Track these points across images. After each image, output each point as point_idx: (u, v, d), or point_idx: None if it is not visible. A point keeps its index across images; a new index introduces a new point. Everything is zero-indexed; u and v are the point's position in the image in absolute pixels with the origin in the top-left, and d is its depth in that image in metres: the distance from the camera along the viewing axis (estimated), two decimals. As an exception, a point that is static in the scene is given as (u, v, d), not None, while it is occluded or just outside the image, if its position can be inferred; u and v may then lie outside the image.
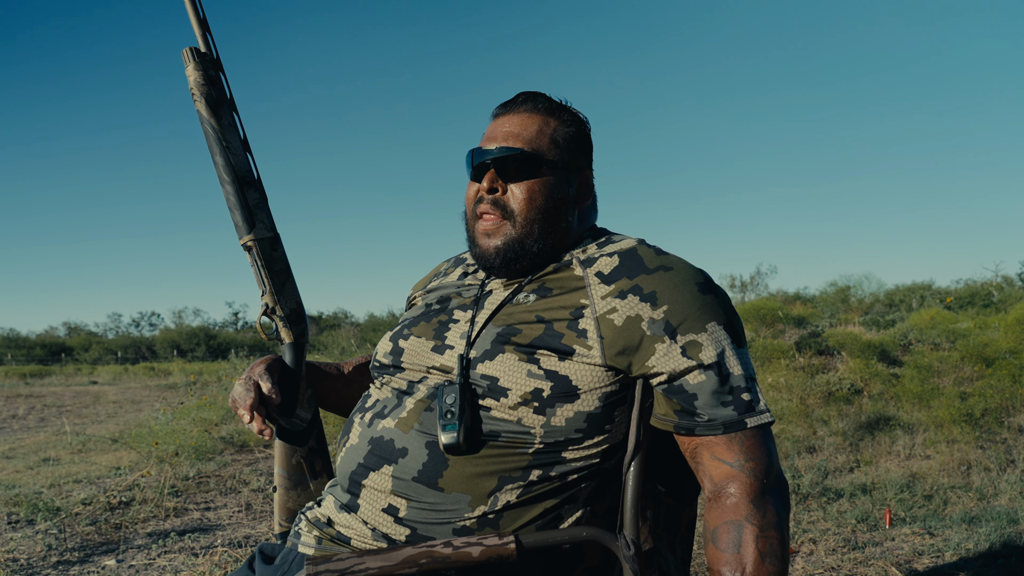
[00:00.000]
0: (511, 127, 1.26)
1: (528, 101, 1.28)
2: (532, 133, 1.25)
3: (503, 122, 1.28)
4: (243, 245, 1.37)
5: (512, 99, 1.30)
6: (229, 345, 29.24)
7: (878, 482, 4.17)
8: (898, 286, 20.57)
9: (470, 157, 1.27)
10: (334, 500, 1.22)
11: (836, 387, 6.31)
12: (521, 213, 1.22)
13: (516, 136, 1.24)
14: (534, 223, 1.22)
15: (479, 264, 1.27)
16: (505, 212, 1.23)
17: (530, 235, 1.22)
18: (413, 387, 1.21)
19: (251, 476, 5.05)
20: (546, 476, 1.12)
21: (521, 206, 1.23)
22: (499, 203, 1.23)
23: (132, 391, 14.81)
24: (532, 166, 1.23)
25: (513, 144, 1.24)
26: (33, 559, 3.35)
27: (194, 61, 1.31)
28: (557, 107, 1.29)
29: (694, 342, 1.10)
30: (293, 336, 1.40)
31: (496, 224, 1.23)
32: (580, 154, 1.30)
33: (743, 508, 1.07)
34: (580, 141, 1.30)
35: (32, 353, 33.27)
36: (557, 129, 1.27)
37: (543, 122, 1.26)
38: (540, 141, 1.25)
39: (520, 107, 1.28)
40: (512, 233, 1.22)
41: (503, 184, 1.24)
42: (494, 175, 1.23)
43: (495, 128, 1.28)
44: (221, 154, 1.32)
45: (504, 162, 1.23)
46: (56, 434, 7.95)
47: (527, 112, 1.27)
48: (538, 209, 1.23)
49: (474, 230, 1.27)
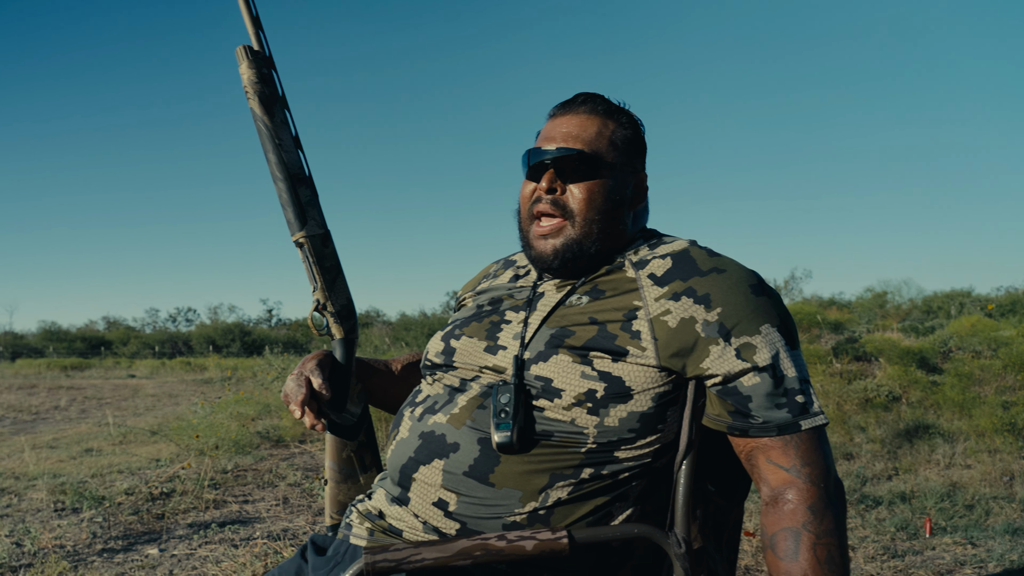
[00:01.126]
0: (570, 128, 1.27)
1: (587, 102, 1.29)
2: (591, 134, 1.26)
3: (562, 122, 1.28)
4: (295, 242, 1.36)
5: (570, 99, 1.31)
6: (263, 341, 29.61)
7: (917, 490, 4.11)
8: (937, 292, 20.18)
9: (527, 157, 1.28)
10: (385, 493, 1.24)
11: (874, 394, 6.22)
12: (580, 213, 1.23)
13: (575, 137, 1.25)
14: (593, 223, 1.23)
15: (535, 265, 1.28)
16: (565, 212, 1.24)
17: (589, 235, 1.23)
18: (466, 384, 1.23)
19: (287, 471, 5.12)
20: (598, 474, 1.13)
21: (581, 206, 1.23)
22: (559, 203, 1.24)
23: (169, 385, 15.09)
24: (591, 167, 1.23)
25: (573, 145, 1.24)
26: (79, 546, 3.44)
27: (248, 59, 1.31)
28: (615, 109, 1.30)
29: (748, 344, 1.11)
30: (344, 332, 1.41)
31: (555, 226, 1.24)
32: (636, 156, 1.31)
33: (801, 515, 1.07)
34: (636, 143, 1.31)
35: (73, 346, 34.05)
36: (615, 131, 1.28)
37: (602, 124, 1.27)
38: (599, 143, 1.25)
39: (579, 108, 1.29)
40: (571, 233, 1.23)
41: (562, 184, 1.24)
42: (553, 175, 1.24)
43: (553, 128, 1.29)
44: (274, 151, 1.32)
45: (563, 162, 1.23)
46: (97, 425, 8.14)
47: (586, 113, 1.28)
48: (597, 209, 1.23)
49: (529, 232, 1.28)
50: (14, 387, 14.65)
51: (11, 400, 12.00)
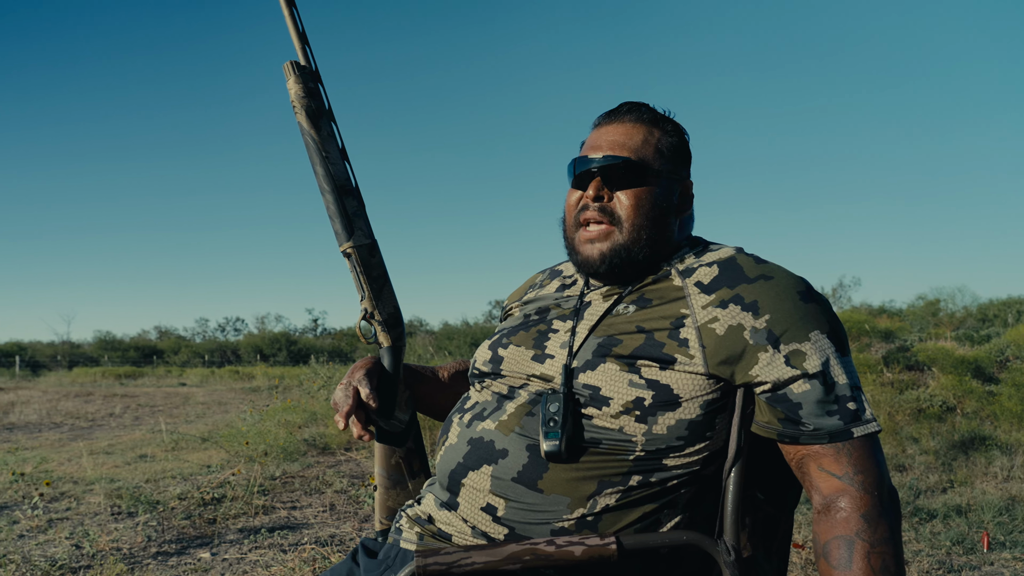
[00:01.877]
0: (616, 136, 1.28)
1: (632, 111, 1.30)
2: (637, 142, 1.27)
3: (607, 131, 1.30)
4: (342, 252, 1.38)
5: (615, 108, 1.32)
6: (309, 351, 30.06)
7: (974, 504, 3.99)
8: (993, 300, 19.56)
9: (572, 166, 1.29)
10: (434, 498, 1.26)
11: (927, 404, 6.06)
12: (628, 219, 1.24)
13: (622, 145, 1.26)
14: (641, 230, 1.24)
15: (582, 270, 1.29)
16: (612, 218, 1.25)
17: (637, 242, 1.24)
18: (514, 392, 1.24)
19: (334, 478, 5.19)
20: (646, 482, 1.14)
21: (628, 212, 1.24)
22: (606, 210, 1.25)
23: (218, 393, 15.41)
24: (638, 175, 1.24)
25: (619, 152, 1.26)
26: (135, 549, 3.54)
27: (295, 74, 1.33)
28: (661, 118, 1.31)
29: (798, 351, 1.10)
30: (391, 340, 1.42)
31: (603, 231, 1.25)
32: (682, 164, 1.31)
33: (854, 523, 1.05)
34: (682, 151, 1.31)
35: (126, 355, 35.00)
36: (661, 139, 1.28)
37: (647, 132, 1.28)
38: (645, 150, 1.26)
39: (624, 117, 1.30)
40: (619, 239, 1.24)
41: (609, 192, 1.25)
42: (600, 183, 1.25)
43: (599, 137, 1.30)
44: (321, 164, 1.34)
45: (610, 170, 1.25)
46: (150, 432, 8.35)
47: (631, 122, 1.29)
48: (645, 216, 1.24)
49: (575, 237, 1.29)
50: (71, 395, 15.12)
51: (69, 407, 12.38)
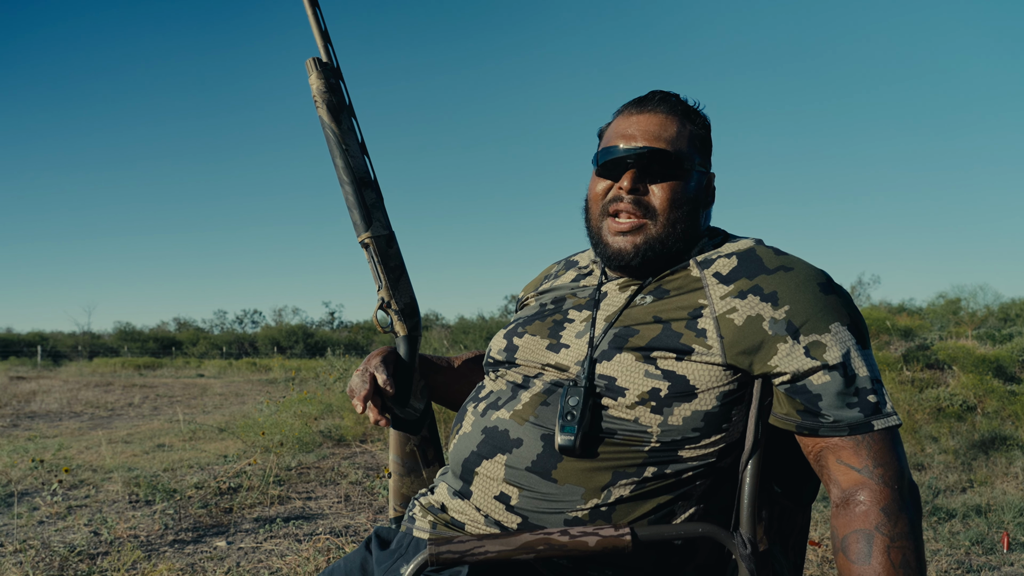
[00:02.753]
0: (650, 127, 1.25)
1: (664, 101, 1.28)
2: (672, 134, 1.24)
3: (640, 120, 1.27)
4: (360, 242, 1.40)
5: (646, 97, 1.30)
6: (326, 343, 30.23)
7: (994, 504, 3.94)
8: (1015, 299, 19.31)
9: (601, 155, 1.27)
10: (447, 487, 1.26)
11: (947, 403, 5.99)
12: (663, 213, 1.22)
13: (657, 136, 1.24)
14: (677, 223, 1.22)
15: (612, 262, 1.26)
16: (648, 211, 1.23)
17: (672, 235, 1.22)
18: (529, 381, 1.23)
19: (349, 469, 5.22)
20: (661, 473, 1.13)
21: (664, 206, 1.22)
22: (641, 203, 1.23)
23: (236, 384, 15.54)
24: (674, 168, 1.22)
25: (656, 144, 1.23)
26: (152, 536, 3.57)
27: (317, 70, 1.36)
28: (691, 110, 1.29)
29: (818, 342, 1.09)
30: (407, 329, 1.44)
31: (635, 223, 1.23)
32: (708, 156, 1.30)
33: (873, 517, 1.04)
34: (708, 143, 1.30)
35: (145, 346, 35.39)
36: (692, 131, 1.27)
37: (680, 124, 1.26)
38: (680, 143, 1.24)
39: (657, 107, 1.27)
40: (653, 232, 1.22)
41: (645, 184, 1.23)
42: (635, 174, 1.23)
43: (630, 125, 1.27)
44: (341, 156, 1.37)
45: (646, 160, 1.22)
46: (169, 422, 8.43)
47: (664, 112, 1.26)
48: (680, 210, 1.22)
49: (602, 228, 1.27)
50: (91, 384, 15.30)
51: (89, 397, 12.54)
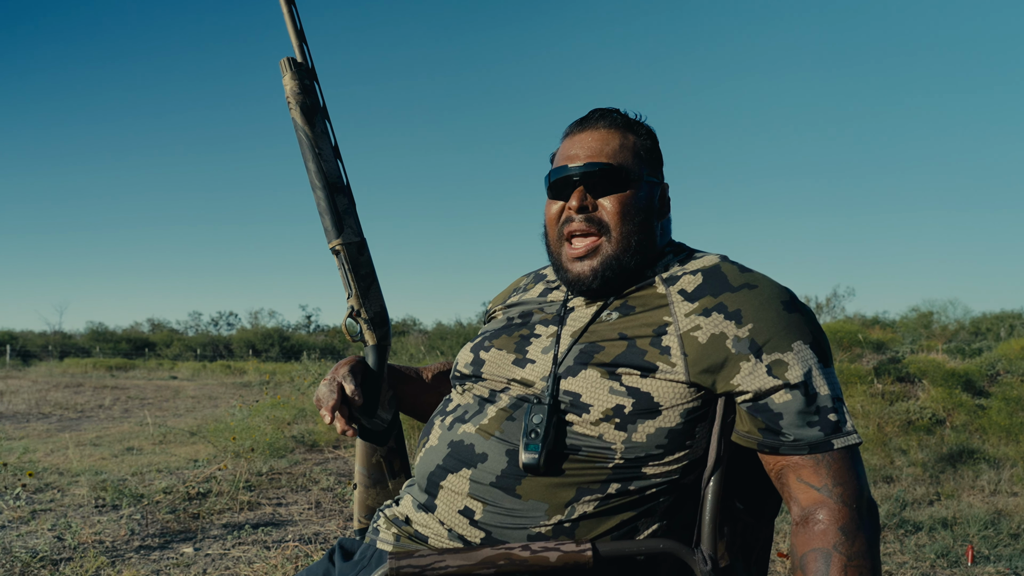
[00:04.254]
0: (592, 143, 1.26)
1: (604, 116, 1.28)
2: (615, 147, 1.25)
3: (581, 139, 1.27)
4: (331, 249, 1.38)
5: (585, 117, 1.30)
6: (302, 347, 30.01)
7: (960, 517, 3.99)
8: (986, 314, 19.63)
9: (551, 177, 1.27)
10: (412, 499, 1.25)
11: (916, 416, 6.07)
12: (616, 227, 1.22)
13: (599, 151, 1.24)
14: (630, 236, 1.22)
15: (572, 288, 1.26)
16: (600, 228, 1.23)
17: (627, 250, 1.22)
18: (495, 396, 1.23)
19: (321, 475, 5.18)
20: (624, 490, 1.13)
21: (615, 219, 1.22)
22: (593, 219, 1.23)
23: (209, 387, 15.37)
24: (620, 180, 1.23)
25: (598, 159, 1.24)
26: (118, 542, 3.52)
27: (291, 71, 1.34)
28: (633, 122, 1.29)
29: (780, 361, 1.10)
30: (376, 339, 1.42)
31: (590, 245, 1.23)
32: (657, 166, 1.30)
33: (831, 536, 1.05)
34: (656, 154, 1.30)
35: (118, 347, 34.87)
36: (636, 143, 1.27)
37: (623, 136, 1.26)
38: (623, 155, 1.25)
39: (597, 123, 1.28)
40: (609, 250, 1.22)
41: (592, 200, 1.23)
42: (583, 192, 1.23)
43: (572, 146, 1.28)
44: (313, 160, 1.35)
45: (591, 177, 1.23)
46: (139, 425, 8.32)
47: (605, 128, 1.27)
48: (632, 222, 1.23)
49: (561, 255, 1.27)
50: (61, 385, 15.07)
51: (58, 398, 12.33)
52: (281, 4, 1.35)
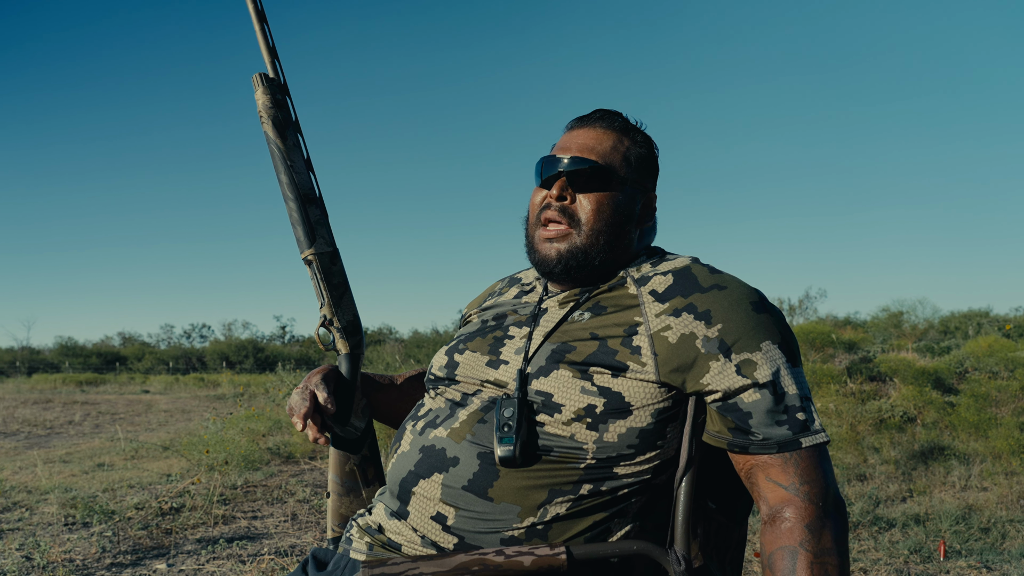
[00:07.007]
0: (586, 140, 1.29)
1: (604, 118, 1.31)
2: (606, 148, 1.28)
3: (578, 135, 1.31)
4: (304, 259, 1.40)
5: (588, 114, 1.33)
6: (276, 358, 29.69)
7: (932, 513, 4.05)
8: (954, 313, 19.96)
9: (540, 165, 1.30)
10: (385, 507, 1.25)
11: (888, 414, 6.15)
12: (588, 223, 1.24)
13: (590, 149, 1.27)
14: (600, 235, 1.24)
15: (538, 269, 1.29)
16: (572, 220, 1.25)
17: (594, 246, 1.24)
18: (467, 399, 1.23)
19: (297, 487, 5.13)
20: (597, 490, 1.13)
21: (588, 216, 1.25)
22: (567, 211, 1.25)
23: (182, 401, 15.15)
24: (603, 180, 1.25)
25: (587, 156, 1.26)
26: (88, 560, 3.45)
27: (263, 86, 1.36)
28: (631, 128, 1.32)
29: (749, 361, 1.11)
30: (349, 347, 1.43)
31: (561, 231, 1.25)
32: (648, 176, 1.32)
33: (798, 533, 1.06)
34: (649, 163, 1.32)
35: (88, 361, 34.23)
36: (630, 148, 1.29)
37: (617, 139, 1.29)
38: (613, 157, 1.27)
39: (596, 122, 1.31)
40: (576, 241, 1.24)
41: (572, 193, 1.26)
42: (564, 183, 1.26)
43: (569, 139, 1.31)
44: (286, 173, 1.37)
45: (576, 173, 1.25)
46: (110, 440, 8.18)
47: (602, 128, 1.30)
48: (605, 222, 1.25)
49: (535, 236, 1.30)
50: (30, 401, 14.77)
51: (26, 415, 12.08)
52: (253, 21, 1.37)
